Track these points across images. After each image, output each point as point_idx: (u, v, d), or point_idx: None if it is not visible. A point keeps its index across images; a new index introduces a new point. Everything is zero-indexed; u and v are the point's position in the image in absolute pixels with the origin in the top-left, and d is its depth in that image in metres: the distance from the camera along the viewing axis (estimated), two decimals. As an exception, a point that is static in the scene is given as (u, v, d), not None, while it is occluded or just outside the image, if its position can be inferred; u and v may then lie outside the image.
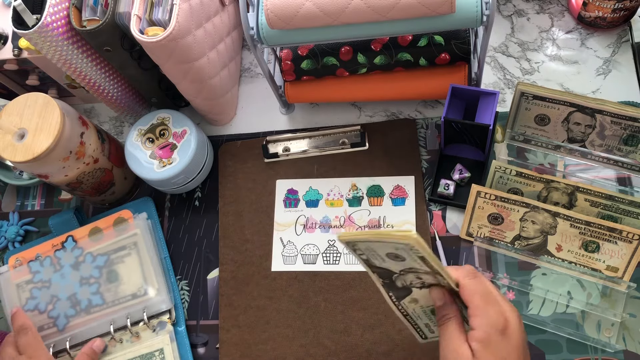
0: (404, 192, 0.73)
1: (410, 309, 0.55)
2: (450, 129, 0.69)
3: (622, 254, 0.65)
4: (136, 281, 0.72)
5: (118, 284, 0.72)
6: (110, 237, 0.75)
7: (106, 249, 0.74)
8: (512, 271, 0.68)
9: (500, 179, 0.69)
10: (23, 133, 0.66)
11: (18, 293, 0.74)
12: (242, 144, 0.80)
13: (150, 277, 0.72)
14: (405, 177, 0.74)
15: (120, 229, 0.75)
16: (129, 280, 0.72)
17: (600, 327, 0.64)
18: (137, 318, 0.71)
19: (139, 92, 0.83)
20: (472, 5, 0.59)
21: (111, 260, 0.74)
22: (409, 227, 0.72)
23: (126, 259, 0.73)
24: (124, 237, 0.74)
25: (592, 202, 0.66)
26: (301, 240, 0.74)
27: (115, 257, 0.74)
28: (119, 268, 0.73)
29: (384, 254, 0.48)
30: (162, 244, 0.77)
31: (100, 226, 0.76)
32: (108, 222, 0.76)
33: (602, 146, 0.69)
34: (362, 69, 0.72)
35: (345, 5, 0.58)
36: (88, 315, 0.72)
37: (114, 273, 0.73)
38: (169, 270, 0.75)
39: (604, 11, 0.73)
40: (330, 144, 0.77)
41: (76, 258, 0.74)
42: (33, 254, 0.76)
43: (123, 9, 0.65)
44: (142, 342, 0.71)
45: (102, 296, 0.72)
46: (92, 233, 0.76)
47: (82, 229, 0.76)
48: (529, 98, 0.67)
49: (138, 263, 0.73)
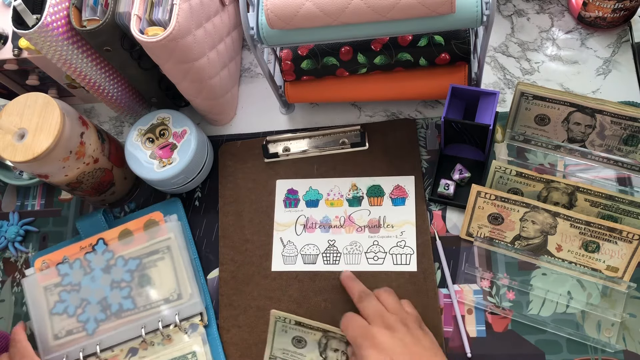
0: (404, 192, 0.73)
1: None
2: (450, 129, 0.69)
3: (622, 254, 0.65)
4: (169, 285, 0.71)
5: (150, 288, 0.72)
6: (142, 240, 0.73)
7: (138, 253, 0.73)
8: (512, 271, 0.68)
9: (500, 179, 0.69)
10: (23, 133, 0.66)
11: (46, 296, 0.73)
12: (242, 144, 0.80)
13: (183, 281, 0.71)
14: (405, 177, 0.74)
15: (151, 231, 0.74)
16: (162, 285, 0.72)
17: (600, 327, 0.64)
18: (170, 322, 0.71)
19: (139, 92, 0.83)
20: (472, 5, 0.59)
21: (143, 264, 0.72)
22: (409, 227, 0.72)
23: (159, 263, 0.72)
24: (156, 240, 0.73)
25: (592, 202, 0.66)
26: (301, 240, 0.74)
27: (147, 261, 0.73)
28: (151, 272, 0.72)
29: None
30: (191, 244, 0.76)
31: (131, 228, 0.75)
32: (138, 224, 0.75)
33: (602, 146, 0.69)
34: (362, 69, 0.72)
35: (345, 5, 0.58)
36: (119, 319, 0.71)
37: (146, 277, 0.72)
38: (199, 271, 0.74)
39: (604, 11, 0.73)
40: (330, 144, 0.77)
41: (107, 261, 0.73)
42: (60, 256, 0.75)
43: (123, 8, 0.65)
44: (174, 345, 0.70)
45: (134, 300, 0.71)
46: (122, 236, 0.74)
47: (112, 231, 0.75)
48: (529, 98, 0.67)
49: (171, 267, 0.72)
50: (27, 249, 0.82)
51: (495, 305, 0.67)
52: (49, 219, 0.83)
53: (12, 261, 0.82)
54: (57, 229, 0.82)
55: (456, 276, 0.69)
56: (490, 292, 0.68)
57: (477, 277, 0.68)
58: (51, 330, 0.72)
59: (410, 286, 0.69)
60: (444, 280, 0.69)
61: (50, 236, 0.82)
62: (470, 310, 0.67)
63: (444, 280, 0.69)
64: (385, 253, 0.71)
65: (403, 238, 0.71)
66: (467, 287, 0.68)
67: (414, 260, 0.70)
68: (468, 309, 0.68)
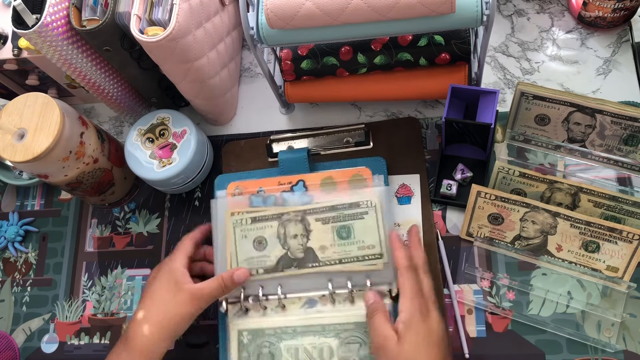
0: (409, 190, 0.73)
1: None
2: (451, 129, 0.69)
3: (622, 254, 0.65)
4: (371, 243, 0.66)
5: (349, 241, 0.66)
6: (344, 194, 0.68)
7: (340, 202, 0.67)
8: (512, 271, 0.68)
9: (503, 179, 0.68)
10: (23, 133, 0.66)
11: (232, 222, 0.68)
12: (246, 143, 0.80)
13: (382, 244, 0.66)
14: (410, 176, 0.74)
15: (356, 188, 0.68)
16: (363, 241, 0.66)
17: (600, 327, 0.64)
18: (359, 285, 0.65)
19: (139, 92, 0.83)
20: (472, 5, 0.58)
21: (344, 216, 0.67)
22: None
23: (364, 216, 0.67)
24: (360, 199, 0.67)
25: (596, 203, 0.66)
26: None
27: (348, 213, 0.67)
28: (353, 225, 0.66)
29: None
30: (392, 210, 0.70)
31: (335, 178, 0.70)
32: (344, 175, 0.70)
33: (602, 146, 0.69)
34: (362, 69, 0.72)
35: (345, 5, 0.58)
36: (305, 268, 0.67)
37: (346, 229, 0.66)
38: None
39: (604, 11, 0.73)
40: (334, 143, 0.77)
41: (304, 205, 0.68)
42: (256, 186, 0.70)
43: (123, 8, 0.65)
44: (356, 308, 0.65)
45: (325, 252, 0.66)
46: (324, 183, 0.70)
47: (314, 176, 0.71)
48: (529, 98, 0.67)
49: (375, 225, 0.66)
50: (27, 249, 0.82)
51: (495, 305, 0.67)
52: (49, 219, 0.83)
53: (12, 261, 0.82)
54: (57, 229, 0.82)
55: (456, 276, 0.69)
56: (490, 292, 0.68)
57: (477, 277, 0.68)
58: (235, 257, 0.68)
59: None
60: (444, 280, 0.69)
61: (50, 236, 0.82)
62: (471, 310, 0.67)
63: (444, 280, 0.69)
64: None
65: None
66: (467, 287, 0.68)
67: None
68: (468, 309, 0.67)
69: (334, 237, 0.67)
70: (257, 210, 0.68)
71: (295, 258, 0.67)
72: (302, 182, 0.70)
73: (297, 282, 0.67)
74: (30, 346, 0.77)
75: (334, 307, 0.65)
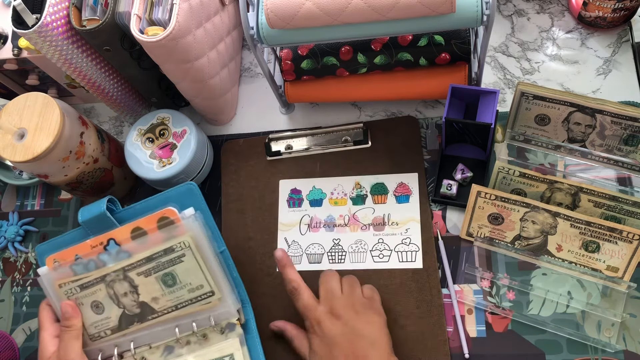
0: (407, 189, 0.73)
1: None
2: (451, 129, 0.69)
3: (622, 254, 0.65)
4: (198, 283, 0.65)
5: (177, 287, 0.65)
6: (158, 240, 0.65)
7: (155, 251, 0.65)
8: (512, 271, 0.68)
9: (503, 179, 0.68)
10: (23, 133, 0.66)
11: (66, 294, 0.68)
12: (245, 142, 0.80)
13: (211, 280, 0.65)
14: (408, 175, 0.74)
15: (168, 230, 0.65)
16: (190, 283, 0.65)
17: (600, 327, 0.64)
18: (205, 325, 0.66)
19: (139, 92, 0.83)
20: (472, 5, 0.58)
21: (164, 264, 0.65)
22: (414, 224, 0.72)
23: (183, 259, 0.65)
24: (175, 241, 0.64)
25: (596, 203, 0.66)
26: (306, 240, 0.74)
27: (168, 259, 0.65)
28: (175, 270, 0.65)
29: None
30: (217, 236, 0.67)
31: (143, 226, 0.66)
32: (151, 222, 0.66)
33: (603, 146, 0.69)
34: (362, 68, 0.72)
35: (345, 5, 0.58)
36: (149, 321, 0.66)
37: (171, 276, 0.65)
38: (230, 265, 0.67)
39: (604, 11, 0.73)
40: (332, 142, 0.77)
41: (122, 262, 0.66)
42: (71, 255, 0.68)
43: (123, 8, 0.65)
44: (211, 344, 0.66)
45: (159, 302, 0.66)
46: (135, 235, 0.66)
47: (123, 230, 0.67)
48: (529, 98, 0.67)
49: (196, 264, 0.65)
50: (27, 249, 0.82)
51: (495, 305, 0.67)
52: (49, 219, 0.83)
53: (12, 261, 0.82)
54: (56, 229, 0.82)
55: (456, 276, 0.69)
56: (490, 292, 0.68)
57: (477, 277, 0.68)
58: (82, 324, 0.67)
59: (414, 283, 0.69)
60: (444, 280, 0.69)
61: (50, 236, 0.82)
62: (470, 310, 0.67)
63: (444, 280, 0.69)
64: (390, 251, 0.71)
65: (408, 235, 0.71)
66: (467, 287, 0.68)
67: (420, 257, 0.70)
68: (468, 309, 0.67)
69: (162, 287, 0.66)
70: (82, 278, 0.67)
71: (134, 314, 0.67)
72: (113, 241, 0.67)
73: (146, 333, 0.66)
74: (30, 346, 0.77)
75: (191, 347, 0.66)
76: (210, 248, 0.65)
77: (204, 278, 0.65)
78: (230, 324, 0.66)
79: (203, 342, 0.66)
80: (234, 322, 0.66)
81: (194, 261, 0.64)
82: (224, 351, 0.65)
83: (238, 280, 0.67)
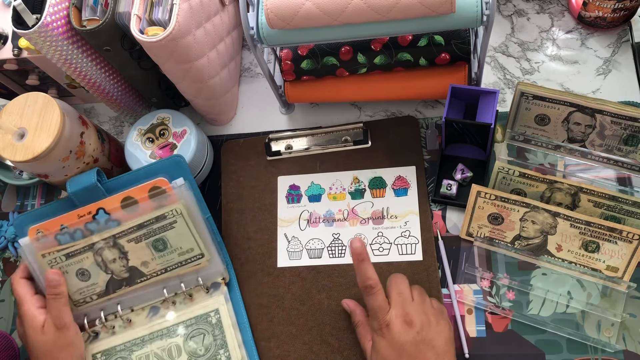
0: (405, 182, 0.74)
1: None
2: (451, 129, 0.69)
3: (622, 254, 0.65)
4: (188, 247, 0.68)
5: (168, 251, 0.68)
6: (149, 208, 0.67)
7: (147, 220, 0.68)
8: (512, 271, 0.68)
9: (503, 179, 0.69)
10: (23, 133, 0.66)
11: (48, 263, 0.69)
12: (245, 142, 0.80)
13: (201, 243, 0.69)
14: (406, 168, 0.74)
15: (159, 199, 0.67)
16: (180, 247, 0.68)
17: (600, 327, 0.64)
18: (192, 285, 0.70)
19: (139, 92, 0.83)
20: (472, 5, 0.59)
21: (155, 230, 0.68)
22: (413, 217, 0.72)
23: (174, 226, 0.68)
24: (166, 209, 0.67)
25: (596, 203, 0.66)
26: (306, 235, 0.74)
27: (159, 226, 0.68)
28: (166, 236, 0.68)
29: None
30: (202, 204, 0.71)
31: (134, 196, 0.67)
32: (142, 191, 0.67)
33: (602, 146, 0.69)
34: (362, 69, 0.72)
35: (345, 5, 0.58)
36: (136, 285, 0.69)
37: (162, 241, 0.68)
38: (214, 231, 0.72)
39: (604, 11, 0.73)
40: (332, 142, 0.77)
41: (111, 230, 0.68)
42: (57, 225, 0.68)
43: (123, 8, 0.65)
44: (195, 303, 0.70)
45: (149, 266, 0.69)
46: (125, 204, 0.67)
47: (113, 199, 0.68)
48: (529, 98, 0.67)
49: (187, 230, 0.68)
50: (27, 249, 0.82)
51: (495, 305, 0.67)
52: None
53: (12, 261, 0.82)
54: (57, 229, 0.82)
55: (456, 276, 0.69)
56: (490, 292, 0.68)
57: (477, 277, 0.68)
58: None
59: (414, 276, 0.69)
60: (444, 280, 0.69)
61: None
62: (470, 310, 0.67)
63: (444, 279, 0.69)
64: (390, 244, 0.71)
65: (407, 228, 0.72)
66: (467, 287, 0.68)
67: (419, 249, 0.70)
68: (468, 309, 0.68)
69: (152, 252, 0.69)
70: (68, 247, 0.68)
71: (123, 278, 0.69)
72: (103, 210, 0.68)
73: (134, 296, 0.70)
74: (30, 346, 0.77)
75: (176, 307, 0.69)
76: (200, 214, 0.69)
77: (194, 242, 0.69)
78: (216, 283, 0.70)
79: (188, 301, 0.70)
80: (219, 281, 0.71)
81: (185, 227, 0.68)
82: (209, 307, 0.69)
83: (222, 244, 0.73)
